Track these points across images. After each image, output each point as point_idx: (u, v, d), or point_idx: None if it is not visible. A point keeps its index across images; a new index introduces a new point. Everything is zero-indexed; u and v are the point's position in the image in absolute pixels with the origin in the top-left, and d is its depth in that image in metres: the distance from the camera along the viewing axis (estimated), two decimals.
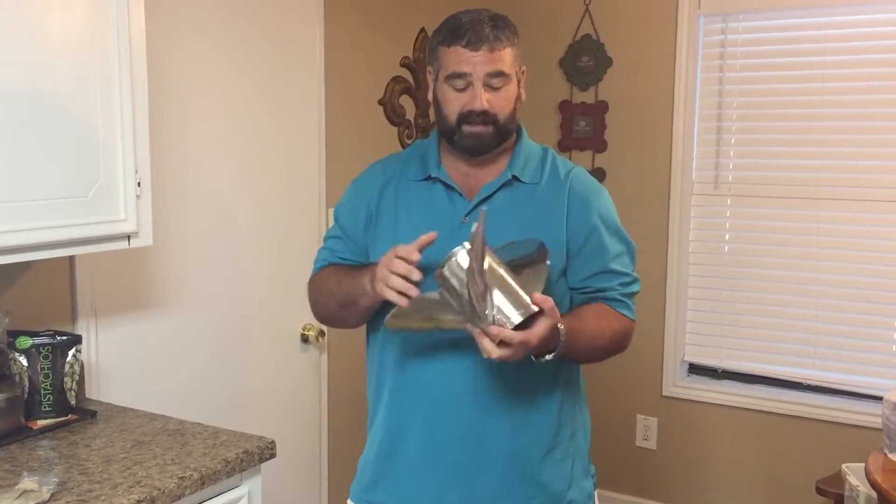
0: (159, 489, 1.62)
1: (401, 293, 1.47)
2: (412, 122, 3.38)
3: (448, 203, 1.67)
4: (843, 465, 2.87)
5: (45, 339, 1.95)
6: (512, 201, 1.66)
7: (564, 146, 3.72)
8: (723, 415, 3.52)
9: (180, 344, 2.49)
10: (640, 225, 3.61)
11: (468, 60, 1.58)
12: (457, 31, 1.60)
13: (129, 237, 1.93)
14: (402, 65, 3.32)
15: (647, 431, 3.68)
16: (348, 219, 1.76)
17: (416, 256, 1.48)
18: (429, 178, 1.70)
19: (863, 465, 2.58)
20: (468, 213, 1.65)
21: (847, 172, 3.24)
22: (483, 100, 1.59)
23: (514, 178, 1.68)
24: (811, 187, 3.29)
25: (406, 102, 3.35)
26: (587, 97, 3.67)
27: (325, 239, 1.83)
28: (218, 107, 2.57)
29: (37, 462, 1.74)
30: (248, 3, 2.63)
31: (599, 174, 3.67)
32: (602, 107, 3.64)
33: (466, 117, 1.61)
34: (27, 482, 1.57)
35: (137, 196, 1.91)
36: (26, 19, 1.68)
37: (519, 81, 1.66)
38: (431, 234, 1.51)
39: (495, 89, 1.60)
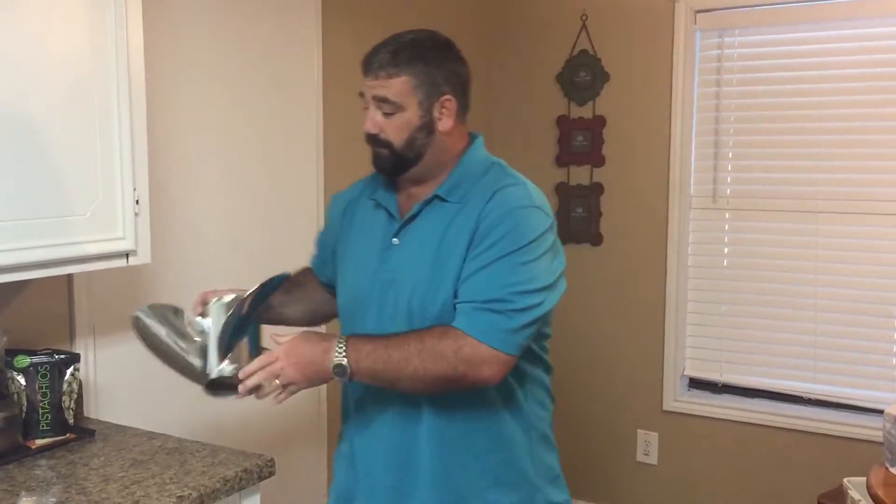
0: None
1: None
2: None
3: (386, 224, 1.71)
4: (845, 480, 2.85)
5: (43, 358, 1.94)
6: (431, 220, 1.66)
7: (562, 161, 3.73)
8: (723, 429, 3.51)
9: None
10: (638, 239, 3.62)
11: (364, 84, 1.64)
12: (366, 55, 1.65)
13: (127, 255, 1.93)
14: None
15: (647, 446, 3.66)
16: (327, 227, 1.91)
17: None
18: (375, 199, 1.75)
19: (864, 479, 2.57)
20: (396, 234, 1.68)
21: (845, 186, 3.25)
22: (370, 123, 1.63)
23: (437, 197, 1.66)
24: (810, 200, 3.30)
25: None
26: (585, 112, 3.68)
27: None
28: (217, 126, 2.58)
29: (35, 482, 1.73)
30: (246, 24, 2.64)
31: (598, 189, 3.67)
32: (599, 122, 3.65)
33: (366, 139, 1.67)
34: (25, 502, 1.56)
35: (136, 214, 1.91)
36: (24, 39, 1.69)
37: (432, 109, 1.62)
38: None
39: (386, 115, 1.62)
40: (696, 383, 3.63)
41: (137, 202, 1.91)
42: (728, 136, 3.45)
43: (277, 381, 1.55)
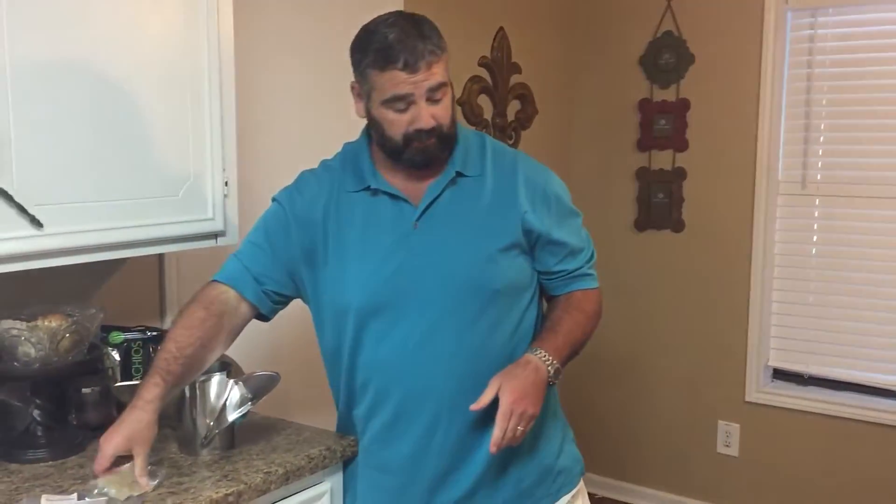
0: (246, 483, 1.64)
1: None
2: (490, 121, 3.37)
3: (395, 211, 1.65)
4: None
5: (136, 335, 2.00)
6: (460, 198, 1.65)
7: (644, 146, 3.66)
8: (808, 422, 3.41)
9: (263, 338, 2.52)
10: (722, 226, 3.53)
11: (407, 82, 1.52)
12: (388, 53, 1.52)
13: (216, 236, 1.96)
14: (480, 64, 3.32)
15: (728, 438, 3.59)
16: (279, 233, 1.71)
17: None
18: (368, 188, 1.67)
19: None
20: (418, 219, 1.64)
21: None
22: (427, 118, 1.55)
23: (458, 174, 1.65)
24: None
25: (484, 102, 3.35)
26: (668, 95, 3.60)
27: (244, 244, 1.76)
28: (300, 107, 2.61)
29: None
30: (328, 5, 2.66)
31: (680, 174, 3.60)
32: (683, 105, 3.57)
33: (414, 136, 1.57)
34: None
35: (224, 195, 1.95)
36: (121, 23, 1.73)
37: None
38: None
39: (437, 101, 1.57)
40: (780, 374, 3.53)
41: (226, 184, 1.95)
42: (819, 119, 3.33)
43: (521, 427, 1.55)
